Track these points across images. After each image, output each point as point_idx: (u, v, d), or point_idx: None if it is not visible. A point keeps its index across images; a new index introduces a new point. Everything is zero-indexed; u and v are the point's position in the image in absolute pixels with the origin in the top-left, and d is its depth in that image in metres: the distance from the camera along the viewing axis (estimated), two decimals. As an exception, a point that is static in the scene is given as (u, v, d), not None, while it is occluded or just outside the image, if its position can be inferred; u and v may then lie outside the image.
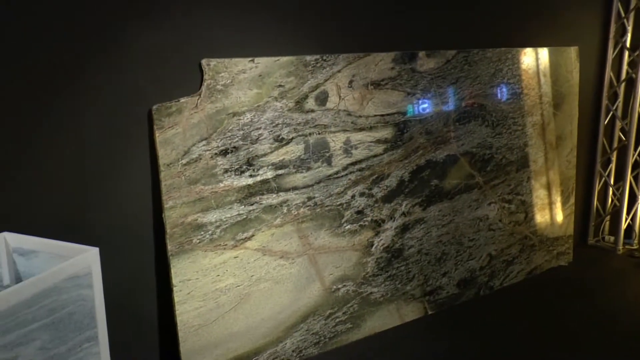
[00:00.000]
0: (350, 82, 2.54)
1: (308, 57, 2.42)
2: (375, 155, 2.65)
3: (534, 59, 3.23)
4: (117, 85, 2.09)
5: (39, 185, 2.02)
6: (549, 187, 3.42)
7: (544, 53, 3.26)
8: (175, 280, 2.17)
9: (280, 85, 2.35)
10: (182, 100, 2.15)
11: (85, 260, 1.76)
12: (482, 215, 3.09)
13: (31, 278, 1.63)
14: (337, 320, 2.60)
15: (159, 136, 2.12)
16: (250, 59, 2.27)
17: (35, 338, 1.62)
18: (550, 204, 3.43)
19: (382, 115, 2.66)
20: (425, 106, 2.81)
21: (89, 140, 2.08)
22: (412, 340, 2.69)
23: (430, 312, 2.92)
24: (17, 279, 1.93)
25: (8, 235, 1.91)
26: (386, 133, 2.68)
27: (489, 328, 2.80)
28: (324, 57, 2.46)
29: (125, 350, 2.13)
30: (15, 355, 1.56)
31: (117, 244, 2.15)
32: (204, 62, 2.18)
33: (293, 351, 2.49)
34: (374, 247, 2.69)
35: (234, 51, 2.26)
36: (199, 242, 2.22)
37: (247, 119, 2.29)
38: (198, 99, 2.18)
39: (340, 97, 2.52)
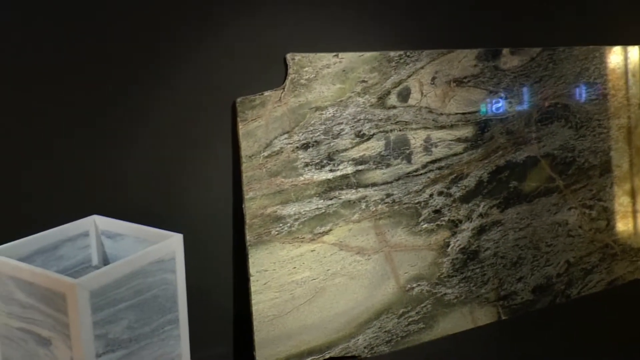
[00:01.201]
0: (433, 78, 2.46)
1: (392, 53, 2.35)
2: (455, 154, 2.56)
3: (622, 58, 3.03)
4: (203, 77, 2.10)
5: (127, 172, 2.07)
6: (633, 194, 3.20)
7: (634, 52, 3.05)
8: (252, 270, 2.16)
9: (363, 81, 2.30)
10: (266, 93, 2.14)
11: (170, 245, 1.78)
12: (561, 221, 2.92)
13: (121, 260, 1.66)
14: (410, 319, 2.52)
15: (241, 128, 2.11)
16: (334, 54, 2.23)
17: (123, 317, 1.65)
18: (635, 212, 3.21)
19: (464, 114, 2.56)
20: (506, 105, 2.69)
21: (175, 131, 2.10)
22: (484, 345, 2.58)
23: (503, 318, 2.79)
24: (104, 260, 1.97)
25: (97, 218, 1.96)
26: (467, 132, 2.57)
27: (564, 338, 2.64)
28: (408, 53, 2.38)
29: (200, 335, 2.14)
30: (106, 332, 1.59)
31: (197, 231, 2.16)
32: (288, 56, 2.16)
33: (365, 347, 2.43)
34: (450, 247, 2.59)
35: (318, 46, 2.22)
36: (277, 234, 2.20)
37: (330, 113, 2.25)
38: (282, 93, 2.16)
39: (422, 93, 2.44)
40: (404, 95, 2.40)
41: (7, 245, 1.71)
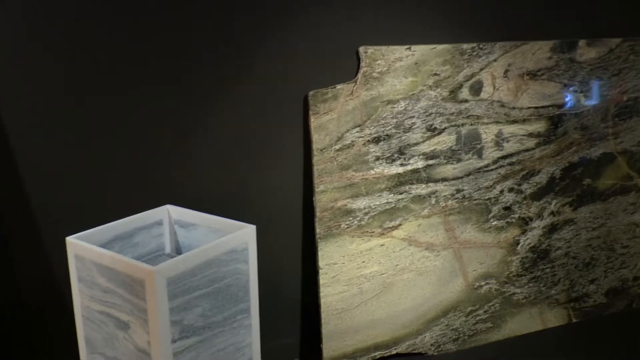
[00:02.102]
0: (506, 71, 2.35)
1: (464, 45, 2.26)
2: (526, 150, 2.44)
3: None
4: (277, 70, 2.08)
5: (200, 163, 2.07)
6: None
7: None
8: (321, 262, 2.13)
9: (435, 74, 2.22)
10: (338, 87, 2.10)
11: (243, 236, 1.77)
12: (638, 221, 2.75)
13: (196, 249, 1.65)
14: (478, 318, 2.43)
15: (313, 121, 2.08)
16: (407, 46, 2.16)
17: (197, 305, 1.64)
18: None
19: (537, 108, 2.44)
20: (582, 99, 2.55)
21: (248, 123, 2.10)
22: (554, 348, 2.46)
23: (574, 320, 2.65)
24: (177, 248, 1.99)
25: (171, 208, 1.97)
26: (539, 126, 2.45)
27: (639, 345, 2.50)
28: (481, 46, 2.29)
29: (268, 325, 2.12)
30: (181, 318, 1.59)
31: (268, 223, 2.15)
32: (361, 49, 2.11)
33: (432, 345, 2.36)
34: (519, 245, 2.48)
35: (390, 39, 2.16)
36: (347, 227, 2.16)
37: (401, 107, 2.19)
38: (354, 86, 2.11)
39: (494, 87, 2.33)
40: (476, 89, 2.31)
41: (89, 232, 1.74)
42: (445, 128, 2.27)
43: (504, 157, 2.40)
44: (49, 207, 1.94)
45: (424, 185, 2.26)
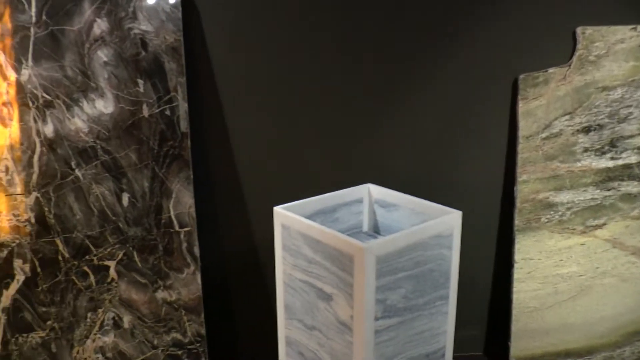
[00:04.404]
0: None
1: (700, 28, 1.97)
2: None
3: None
4: (487, 51, 1.96)
5: (402, 142, 2.02)
6: None
7: None
8: (517, 256, 1.98)
9: (663, 59, 1.96)
10: (550, 70, 1.92)
11: (449, 221, 1.67)
12: None
13: (405, 230, 1.59)
14: (685, 336, 2.14)
15: (521, 107, 1.92)
16: (632, 26, 1.92)
17: (401, 286, 1.59)
18: None
19: None
20: None
21: (453, 105, 2.00)
22: None
23: None
24: (374, 227, 1.95)
25: (372, 187, 1.93)
26: None
27: None
28: None
29: (456, 315, 2.02)
30: (385, 297, 1.55)
31: (464, 208, 2.02)
32: (578, 30, 1.91)
33: (629, 360, 2.12)
34: None
35: (612, 18, 1.94)
36: (547, 222, 1.98)
37: (618, 94, 1.96)
38: (567, 70, 1.92)
39: None
40: None
41: (295, 204, 1.76)
42: (669, 121, 2.00)
43: None
44: (258, 177, 2.01)
45: (636, 183, 2.00)
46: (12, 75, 1.81)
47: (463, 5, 1.92)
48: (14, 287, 1.90)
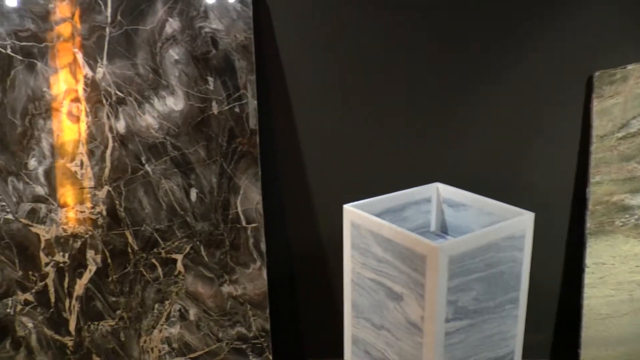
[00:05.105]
0: None
1: None
2: None
3: None
4: (562, 47, 1.90)
5: (471, 141, 1.98)
6: None
7: None
8: (589, 260, 1.91)
9: None
10: (629, 67, 1.84)
11: (522, 222, 1.63)
12: None
13: (478, 231, 1.56)
14: None
15: (596, 105, 1.85)
16: None
17: (472, 288, 1.55)
18: None
19: None
20: None
21: (525, 103, 1.95)
22: None
23: None
24: (442, 227, 1.92)
25: (440, 186, 1.90)
26: None
27: None
28: None
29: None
30: (456, 299, 1.52)
31: (534, 210, 1.96)
32: (659, 25, 1.84)
33: None
34: None
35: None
36: (622, 226, 1.90)
37: (702, 94, 1.86)
38: (646, 68, 1.85)
39: None
40: None
41: (364, 202, 1.75)
42: None
43: None
44: (325, 175, 2.01)
45: None
46: (88, 73, 1.87)
47: (536, 2, 1.86)
48: (87, 276, 1.96)
